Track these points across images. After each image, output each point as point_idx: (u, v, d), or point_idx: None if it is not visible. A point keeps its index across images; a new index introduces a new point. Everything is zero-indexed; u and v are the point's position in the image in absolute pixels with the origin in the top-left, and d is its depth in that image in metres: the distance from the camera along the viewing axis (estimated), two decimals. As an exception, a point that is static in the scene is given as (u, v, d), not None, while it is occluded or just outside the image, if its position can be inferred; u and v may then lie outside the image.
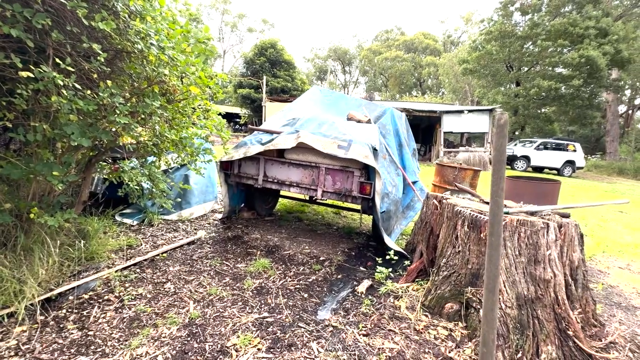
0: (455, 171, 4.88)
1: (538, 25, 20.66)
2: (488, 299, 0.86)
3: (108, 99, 2.28)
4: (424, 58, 48.12)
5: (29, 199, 2.70)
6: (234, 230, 4.19)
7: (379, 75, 54.14)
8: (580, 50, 18.94)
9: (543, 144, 18.73)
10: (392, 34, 56.96)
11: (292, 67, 23.38)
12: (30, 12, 1.72)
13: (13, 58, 1.81)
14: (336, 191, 3.43)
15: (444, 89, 44.73)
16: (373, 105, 4.59)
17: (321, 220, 5.12)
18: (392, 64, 48.37)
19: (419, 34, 50.93)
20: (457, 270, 2.42)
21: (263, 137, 3.74)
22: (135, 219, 4.03)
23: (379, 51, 51.60)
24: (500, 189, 0.84)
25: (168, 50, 2.42)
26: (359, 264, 3.45)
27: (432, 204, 3.22)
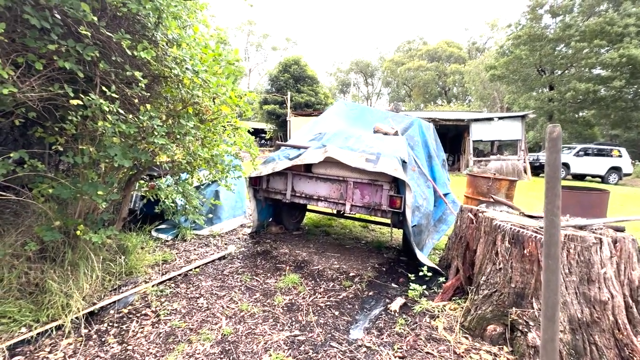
0: (489, 182, 4.66)
1: (571, 26, 19.75)
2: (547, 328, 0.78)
3: (147, 121, 2.41)
4: (448, 66, 47.30)
5: (75, 217, 2.88)
6: (263, 245, 4.22)
7: (402, 86, 53.79)
8: (620, 49, 17.80)
9: (583, 150, 17.54)
10: (414, 44, 56.69)
11: (316, 82, 23.83)
12: (81, 46, 1.88)
13: (66, 88, 1.97)
14: (365, 205, 3.38)
15: (471, 96, 43.56)
16: (400, 117, 4.53)
17: (349, 234, 5.05)
18: (415, 74, 47.96)
19: (442, 42, 50.29)
20: (498, 289, 2.27)
21: (290, 152, 3.79)
22: (170, 235, 4.18)
23: (401, 62, 51.44)
24: (556, 207, 0.78)
25: (202, 73, 2.54)
26: (391, 280, 3.34)
27: (467, 217, 3.08)
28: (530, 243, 2.16)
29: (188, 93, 2.65)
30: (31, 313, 2.36)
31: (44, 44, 1.76)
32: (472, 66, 38.21)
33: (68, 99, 2.10)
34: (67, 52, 1.85)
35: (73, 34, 1.93)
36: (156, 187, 3.31)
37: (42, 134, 2.55)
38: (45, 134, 2.57)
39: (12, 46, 1.73)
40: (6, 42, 1.69)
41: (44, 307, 2.41)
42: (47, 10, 1.70)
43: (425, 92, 47.76)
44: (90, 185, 2.50)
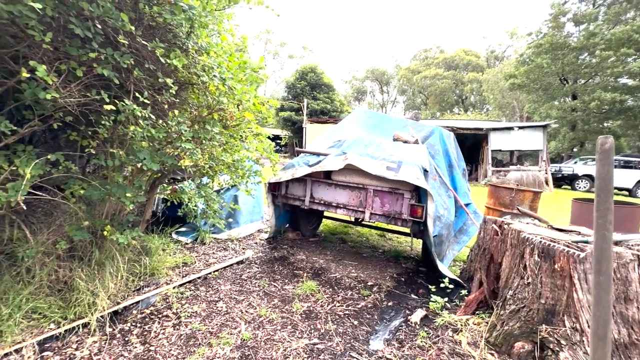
0: (511, 193, 4.54)
1: (595, 34, 19.19)
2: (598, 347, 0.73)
3: (175, 126, 2.48)
4: (466, 75, 46.73)
5: (102, 218, 2.98)
6: (280, 251, 4.23)
7: (418, 94, 53.44)
8: (648, 58, 17.14)
9: (609, 162, 16.84)
10: (431, 52, 56.41)
11: (332, 89, 24.00)
12: (119, 54, 1.96)
13: (102, 94, 2.06)
14: (385, 213, 3.35)
15: (489, 105, 42.78)
16: (420, 125, 4.49)
17: (366, 242, 5.00)
18: (431, 82, 47.58)
19: (460, 50, 49.82)
20: (527, 304, 2.19)
21: (310, 159, 3.81)
22: (190, 238, 4.25)
23: (417, 70, 51.21)
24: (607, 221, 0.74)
25: (228, 80, 2.60)
26: (410, 291, 3.27)
27: (491, 228, 3.00)
28: (562, 258, 2.07)
29: (214, 100, 2.72)
30: (60, 310, 2.43)
31: (85, 52, 1.85)
32: (491, 75, 37.61)
33: (102, 104, 2.19)
34: (105, 60, 1.93)
35: (111, 42, 2.02)
36: (179, 191, 3.38)
37: (75, 137, 2.66)
38: (79, 137, 2.68)
39: (55, 54, 1.82)
40: (51, 51, 1.79)
41: (72, 305, 2.48)
42: (90, 20, 1.79)
43: (441, 100, 47.27)
44: (119, 187, 2.58)
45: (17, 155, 2.23)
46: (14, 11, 1.50)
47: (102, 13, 1.77)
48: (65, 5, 1.71)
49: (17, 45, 1.75)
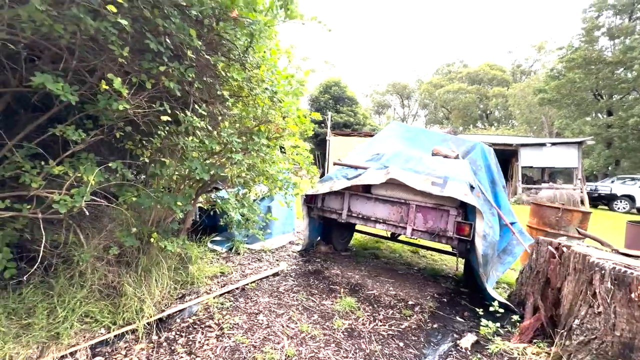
0: (558, 212, 4.30)
1: (633, 48, 18.40)
2: None
3: (227, 138, 2.53)
4: (491, 89, 45.88)
5: (148, 225, 3.05)
6: (314, 264, 4.17)
7: (440, 108, 52.81)
8: (694, 73, 16.19)
9: (651, 182, 15.82)
10: (454, 66, 55.99)
11: (355, 102, 24.16)
12: (184, 67, 2.04)
13: (165, 105, 2.13)
14: (428, 230, 3.24)
15: (515, 120, 41.62)
16: (460, 140, 4.38)
17: (399, 259, 4.86)
18: (454, 96, 46.98)
19: (484, 65, 49.11)
20: (598, 336, 2.01)
21: (348, 172, 3.78)
22: (225, 247, 4.29)
23: (440, 84, 50.83)
24: None
25: (278, 93, 2.64)
26: (454, 313, 3.11)
27: (545, 250, 2.83)
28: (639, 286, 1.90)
29: (263, 112, 2.76)
30: (110, 315, 2.47)
31: (155, 65, 1.92)
32: (518, 89, 36.71)
33: (160, 115, 2.26)
34: (171, 73, 2.00)
35: (176, 56, 2.10)
36: (221, 201, 3.43)
37: (131, 147, 2.77)
38: (134, 146, 2.78)
39: (128, 67, 1.91)
40: (125, 64, 1.88)
41: (120, 310, 2.52)
42: (163, 35, 1.87)
43: (465, 114, 46.48)
44: (170, 196, 2.64)
45: (80, 162, 2.33)
46: (101, 27, 1.59)
47: (175, 29, 1.85)
48: (144, 21, 1.79)
49: (95, 59, 1.85)
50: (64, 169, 2.14)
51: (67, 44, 1.77)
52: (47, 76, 1.62)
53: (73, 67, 1.83)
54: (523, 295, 3.04)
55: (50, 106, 2.32)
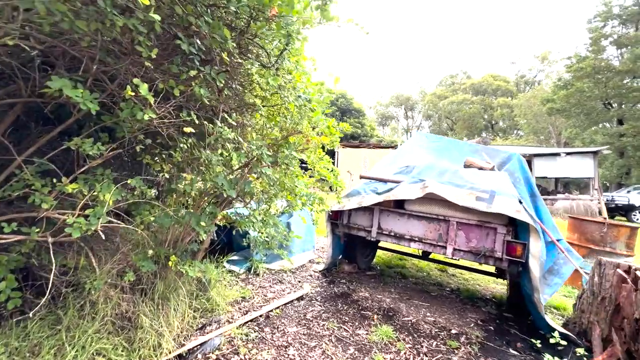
0: (602, 227, 3.97)
1: (643, 57, 18.23)
2: None
3: (256, 150, 2.29)
4: (495, 100, 45.85)
5: (165, 246, 2.78)
6: (339, 286, 3.85)
7: (444, 119, 52.79)
8: None
9: (670, 191, 15.36)
10: (458, 78, 56.29)
11: (362, 114, 24.10)
12: (215, 72, 1.81)
13: (192, 115, 1.90)
14: (472, 250, 2.93)
15: (521, 130, 41.32)
16: (494, 151, 4.11)
17: (428, 278, 4.52)
18: (458, 107, 46.98)
19: (488, 76, 49.26)
20: None
21: (378, 186, 3.51)
22: (242, 267, 3.99)
23: (444, 95, 50.98)
24: None
25: (312, 102, 2.41)
26: (506, 344, 2.77)
27: (612, 274, 2.51)
28: None
29: (294, 121, 2.53)
30: (124, 352, 2.18)
31: (185, 69, 1.70)
32: (523, 99, 36.57)
33: (183, 126, 2.03)
34: (202, 79, 1.78)
35: (206, 61, 1.88)
36: (242, 219, 3.16)
37: (149, 161, 2.53)
38: (153, 161, 2.55)
39: (154, 72, 1.69)
40: (151, 68, 1.65)
41: (136, 347, 2.22)
42: (195, 36, 1.65)
43: (470, 125, 46.27)
44: (193, 214, 2.38)
45: (96, 179, 2.09)
46: (129, 24, 1.37)
47: (207, 29, 1.63)
48: (174, 19, 1.58)
49: (117, 64, 1.63)
50: (78, 187, 1.89)
51: (87, 46, 1.55)
52: (65, 81, 1.40)
53: (93, 72, 1.61)
54: (585, 324, 2.70)
55: (63, 118, 2.11)
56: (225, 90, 1.99)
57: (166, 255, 2.70)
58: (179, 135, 2.18)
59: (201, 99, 1.92)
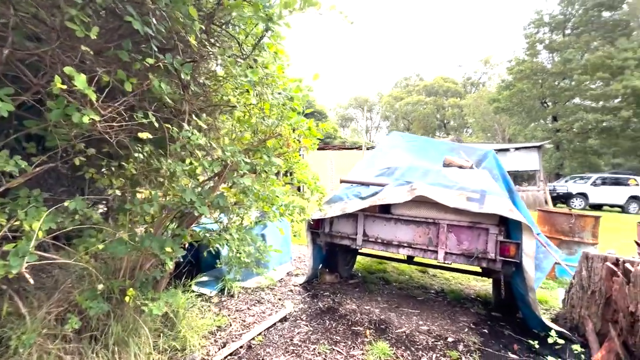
0: (570, 219, 4.14)
1: (570, 60, 20.40)
2: None
3: (231, 157, 1.93)
4: (446, 100, 48.74)
5: (120, 276, 2.30)
6: (323, 300, 3.56)
7: (401, 119, 55.01)
8: (623, 81, 18.22)
9: (600, 179, 17.26)
10: (411, 80, 59.00)
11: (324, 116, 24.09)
12: (179, 61, 1.44)
13: (150, 116, 1.50)
14: (464, 253, 2.81)
15: (471, 128, 44.38)
16: (470, 149, 4.11)
17: (411, 282, 4.40)
18: (414, 108, 49.24)
19: (439, 78, 52.26)
20: None
21: (361, 190, 3.29)
22: (214, 289, 3.54)
23: (400, 97, 53.09)
24: None
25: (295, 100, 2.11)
26: (504, 348, 2.68)
27: (600, 267, 2.52)
28: None
29: (273, 123, 2.20)
30: None
31: (139, 57, 1.31)
32: (471, 100, 39.27)
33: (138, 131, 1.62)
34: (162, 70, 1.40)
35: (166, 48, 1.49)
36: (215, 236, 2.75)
37: (94, 176, 2.05)
38: (98, 175, 2.07)
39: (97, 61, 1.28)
40: (91, 55, 1.24)
41: (86, 414, 1.74)
42: (151, 14, 1.27)
43: (425, 125, 48.65)
44: (154, 239, 1.95)
45: (18, 204, 1.60)
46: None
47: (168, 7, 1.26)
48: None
49: (41, 47, 1.20)
50: (-10, 216, 1.41)
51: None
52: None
53: (3, 59, 1.17)
54: (576, 319, 2.70)
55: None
56: (192, 86, 1.61)
57: (122, 288, 2.22)
58: (132, 142, 1.76)
59: (161, 96, 1.53)
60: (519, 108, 23.70)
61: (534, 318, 2.72)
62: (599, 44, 21.73)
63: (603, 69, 18.98)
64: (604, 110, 19.36)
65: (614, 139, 19.91)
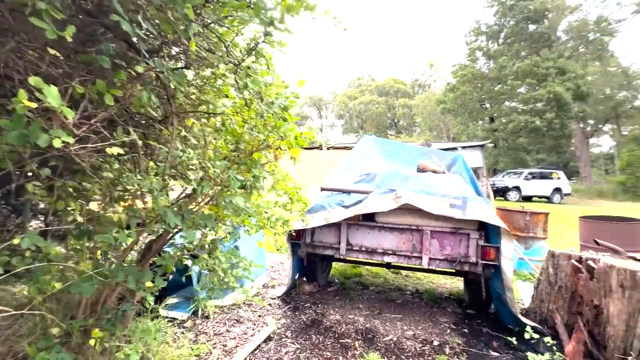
0: (526, 216, 4.53)
1: (505, 67, 22.64)
2: None
3: (222, 174, 1.72)
4: (397, 100, 51.17)
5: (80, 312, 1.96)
6: (305, 312, 3.44)
7: (355, 118, 56.54)
8: (547, 87, 20.71)
9: (530, 174, 19.49)
10: (364, 80, 60.87)
11: (281, 115, 23.63)
12: (169, 68, 1.21)
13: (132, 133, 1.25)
14: (447, 258, 2.90)
15: (419, 127, 47.16)
16: (441, 153, 4.27)
17: (386, 283, 4.47)
18: (367, 107, 50.89)
19: (389, 79, 54.63)
20: (678, 361, 1.89)
21: (344, 198, 3.23)
22: (186, 311, 3.22)
23: (353, 96, 54.47)
24: None
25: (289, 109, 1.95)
26: (485, 346, 2.82)
27: (566, 264, 2.76)
28: None
29: (263, 134, 2.02)
30: None
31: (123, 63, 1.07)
32: (419, 100, 41.73)
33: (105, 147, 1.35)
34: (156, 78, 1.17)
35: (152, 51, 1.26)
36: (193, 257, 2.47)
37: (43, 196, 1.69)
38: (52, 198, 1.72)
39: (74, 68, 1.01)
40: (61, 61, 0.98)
41: None
42: (140, 12, 1.04)
43: (378, 124, 50.58)
44: (127, 271, 1.67)
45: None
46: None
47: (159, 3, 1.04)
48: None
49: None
50: None
51: None
52: None
53: None
54: (545, 313, 2.94)
55: None
56: (180, 96, 1.39)
57: (83, 327, 1.90)
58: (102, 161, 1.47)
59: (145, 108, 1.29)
60: (463, 109, 25.73)
61: (508, 314, 2.90)
62: (526, 53, 24.47)
63: (531, 75, 21.40)
64: (532, 112, 21.83)
65: (540, 137, 22.60)
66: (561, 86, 20.38)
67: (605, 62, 27.31)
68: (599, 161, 32.69)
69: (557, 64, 22.01)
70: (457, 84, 25.26)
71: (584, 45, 26.91)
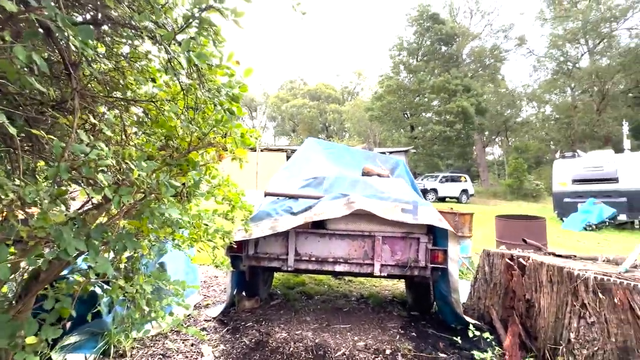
0: (455, 217, 4.89)
1: (423, 81, 25.20)
2: None
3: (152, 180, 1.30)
4: (328, 105, 52.81)
5: None
6: (247, 333, 3.05)
7: (288, 121, 56.54)
8: (456, 101, 23.69)
9: (444, 177, 22.00)
10: (296, 83, 61.29)
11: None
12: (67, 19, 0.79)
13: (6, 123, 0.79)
14: (398, 263, 2.86)
15: (348, 132, 49.45)
16: (384, 157, 4.32)
17: (331, 291, 4.33)
18: (299, 111, 51.36)
19: (321, 84, 56.08)
20: (600, 346, 2.12)
21: (292, 204, 2.95)
22: (93, 352, 2.53)
23: (286, 99, 54.38)
24: None
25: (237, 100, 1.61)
26: (434, 349, 2.85)
27: (499, 262, 2.96)
28: (618, 291, 2.11)
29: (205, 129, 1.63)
30: None
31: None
32: (349, 107, 43.77)
33: None
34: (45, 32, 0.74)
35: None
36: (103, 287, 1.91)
37: None
38: None
39: None
40: None
41: None
42: None
43: (310, 127, 51.37)
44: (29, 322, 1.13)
45: None
46: None
47: None
48: None
49: None
50: None
51: None
52: None
53: None
54: (482, 309, 3.12)
55: None
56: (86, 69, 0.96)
57: None
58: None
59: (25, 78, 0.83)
60: (388, 117, 27.77)
61: (451, 313, 3.00)
62: (440, 71, 27.69)
63: (443, 90, 24.25)
64: (444, 123, 24.72)
65: (451, 145, 25.74)
66: (467, 101, 23.54)
67: (497, 83, 32.67)
68: (493, 167, 38.69)
69: (463, 82, 25.39)
70: (384, 93, 27.17)
71: (482, 68, 31.74)
